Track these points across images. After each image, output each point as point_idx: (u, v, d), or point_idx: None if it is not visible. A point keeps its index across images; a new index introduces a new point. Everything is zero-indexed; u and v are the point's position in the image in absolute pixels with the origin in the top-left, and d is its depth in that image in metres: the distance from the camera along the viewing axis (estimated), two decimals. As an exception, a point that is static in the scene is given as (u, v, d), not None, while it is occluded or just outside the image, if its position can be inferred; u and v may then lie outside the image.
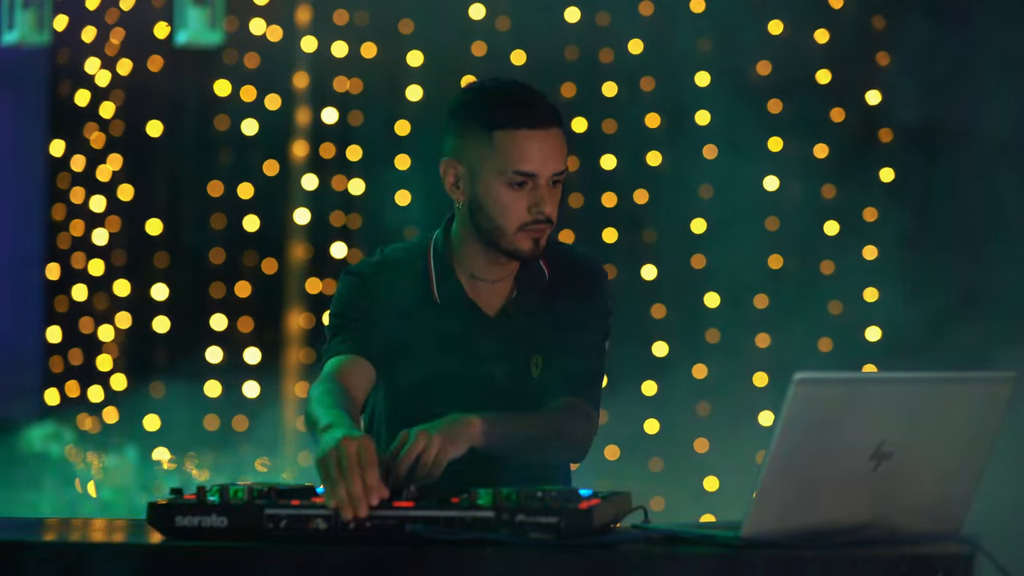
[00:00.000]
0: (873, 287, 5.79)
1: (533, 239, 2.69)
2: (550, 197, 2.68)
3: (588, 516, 2.16)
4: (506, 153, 2.64)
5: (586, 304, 2.82)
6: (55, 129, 6.12)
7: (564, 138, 2.70)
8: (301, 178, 6.00)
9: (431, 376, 2.76)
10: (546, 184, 2.67)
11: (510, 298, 2.79)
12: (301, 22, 6.00)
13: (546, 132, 2.67)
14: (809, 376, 2.06)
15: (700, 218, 5.90)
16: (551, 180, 2.68)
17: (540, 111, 2.67)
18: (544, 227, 2.69)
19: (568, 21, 5.90)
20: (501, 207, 2.67)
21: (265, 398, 5.88)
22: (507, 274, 2.79)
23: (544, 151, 2.66)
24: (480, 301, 2.79)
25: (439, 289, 2.78)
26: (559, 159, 2.68)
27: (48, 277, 6.09)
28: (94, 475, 5.63)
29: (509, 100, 2.68)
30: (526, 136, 2.65)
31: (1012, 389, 2.20)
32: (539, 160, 2.65)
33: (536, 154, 2.65)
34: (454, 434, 2.49)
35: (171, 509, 2.24)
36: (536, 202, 2.67)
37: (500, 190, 2.66)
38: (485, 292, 2.79)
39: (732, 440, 5.53)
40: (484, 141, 2.66)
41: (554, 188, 2.70)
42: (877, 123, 5.85)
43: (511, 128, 2.65)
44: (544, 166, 2.66)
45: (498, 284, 2.79)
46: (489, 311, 2.79)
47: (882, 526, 2.15)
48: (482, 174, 2.67)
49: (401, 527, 2.18)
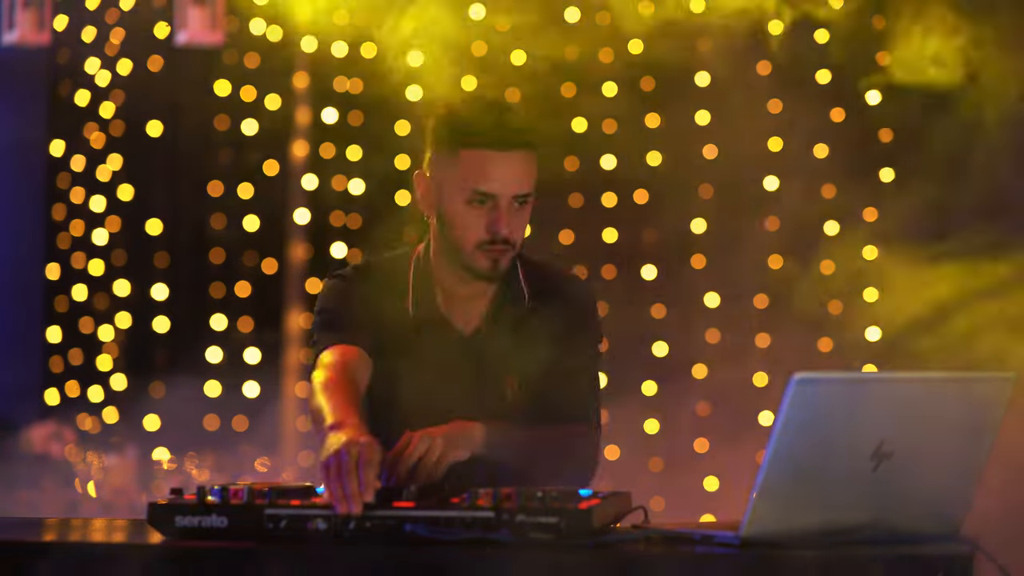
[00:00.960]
0: (873, 287, 5.79)
1: (491, 259, 2.70)
2: (511, 218, 2.68)
3: (588, 516, 2.16)
4: (468, 171, 2.67)
5: (572, 329, 2.80)
6: (55, 129, 6.12)
7: (532, 160, 2.70)
8: (301, 178, 6.00)
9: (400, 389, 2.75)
10: (507, 205, 2.68)
11: (487, 318, 2.78)
12: (301, 22, 6.00)
13: (509, 154, 2.67)
14: (809, 376, 2.06)
15: (700, 218, 5.90)
16: (514, 201, 2.68)
17: (506, 133, 2.68)
18: (502, 248, 2.69)
19: (568, 21, 5.90)
20: (460, 224, 2.69)
21: (265, 398, 5.88)
22: (481, 291, 2.78)
23: (507, 172, 2.67)
24: (455, 317, 2.78)
25: (414, 302, 2.78)
26: (523, 181, 2.69)
27: (48, 277, 6.09)
28: (94, 475, 5.63)
29: (477, 120, 2.69)
30: (488, 157, 2.66)
31: (1012, 389, 2.20)
32: (500, 180, 2.67)
33: (498, 175, 2.67)
34: (457, 439, 2.49)
35: (171, 509, 2.24)
36: (493, 221, 2.68)
37: (460, 207, 2.69)
38: (460, 308, 2.78)
39: (732, 440, 5.53)
40: (451, 158, 2.69)
41: (519, 209, 2.70)
42: (877, 123, 5.85)
43: (475, 148, 2.67)
44: (504, 187, 2.67)
45: (473, 301, 2.78)
46: (464, 328, 2.78)
47: (882, 526, 2.15)
48: (446, 189, 2.70)
49: (401, 527, 2.18)
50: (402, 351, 2.76)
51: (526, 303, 2.80)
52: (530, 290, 2.81)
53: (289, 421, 5.87)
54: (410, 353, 2.76)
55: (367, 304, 2.77)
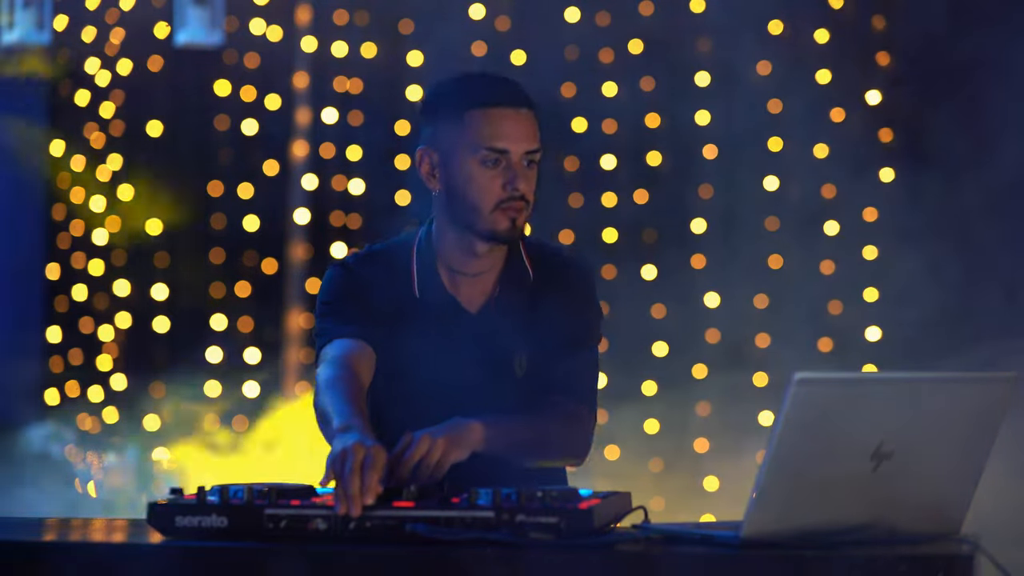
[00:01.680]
0: (873, 287, 5.79)
1: (510, 218, 2.69)
2: (524, 175, 2.69)
3: (588, 516, 2.16)
4: (479, 131, 2.67)
5: (576, 305, 2.81)
6: (55, 129, 6.12)
7: (536, 121, 2.72)
8: (301, 178, 6.00)
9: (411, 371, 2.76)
10: (519, 162, 2.68)
11: (493, 296, 2.79)
12: (301, 22, 6.00)
13: (517, 111, 2.69)
14: (809, 376, 2.06)
15: (700, 218, 5.90)
16: (525, 159, 2.69)
17: (510, 90, 2.71)
18: (520, 205, 2.69)
19: (568, 21, 5.90)
20: (476, 186, 2.69)
21: (265, 398, 5.88)
22: (486, 268, 2.79)
23: (516, 128, 2.68)
24: (461, 297, 2.79)
25: (420, 283, 2.79)
26: (532, 137, 2.70)
27: (48, 277, 6.09)
28: (94, 475, 5.63)
29: (480, 82, 2.72)
30: (497, 114, 2.68)
31: (1012, 389, 2.20)
32: (511, 137, 2.68)
33: (508, 131, 2.68)
34: (457, 438, 2.50)
35: (171, 509, 2.24)
36: (510, 179, 2.68)
37: (474, 169, 2.68)
38: (466, 287, 2.79)
39: (732, 440, 5.53)
40: (457, 123, 2.69)
41: (528, 169, 2.70)
42: (877, 123, 5.85)
43: (483, 107, 2.68)
44: (516, 143, 2.68)
45: (479, 279, 2.79)
46: (470, 307, 2.79)
47: (882, 526, 2.15)
48: (456, 156, 2.70)
49: (401, 527, 2.18)
50: (410, 334, 2.76)
51: (530, 280, 2.80)
52: (533, 267, 2.82)
53: (289, 421, 5.88)
54: (418, 335, 2.76)
55: (370, 291, 2.77)
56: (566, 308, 2.79)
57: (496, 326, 2.77)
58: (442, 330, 2.77)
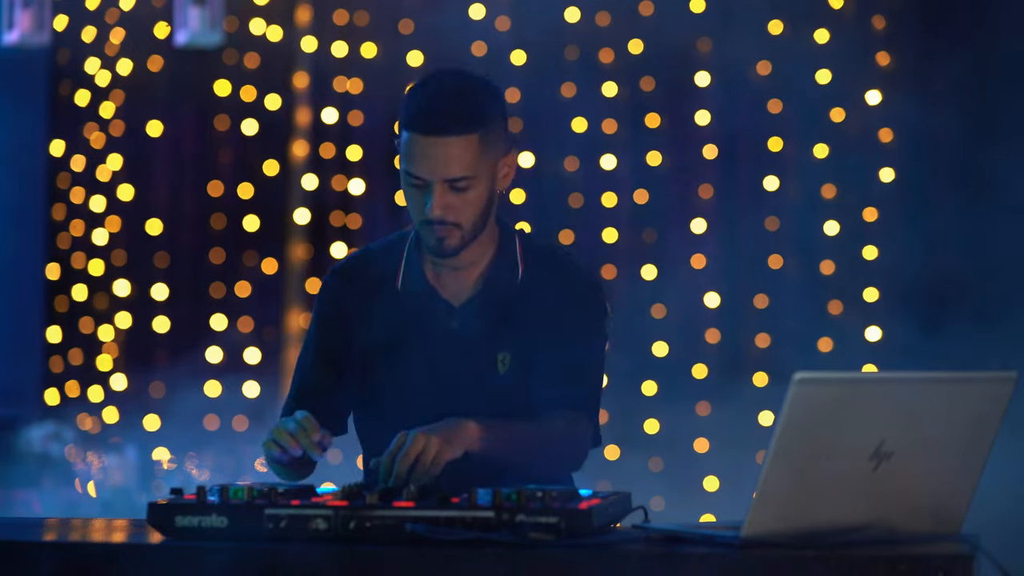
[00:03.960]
0: (873, 287, 5.78)
1: (436, 237, 2.71)
2: (445, 201, 2.68)
3: (588, 516, 2.16)
4: (406, 153, 2.70)
5: (572, 310, 2.79)
6: (55, 129, 6.12)
7: (472, 144, 2.68)
8: (301, 178, 6.00)
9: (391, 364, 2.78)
10: (440, 188, 2.68)
11: (477, 289, 2.79)
12: (301, 22, 6.00)
13: (440, 139, 2.67)
14: (809, 376, 2.06)
15: (700, 218, 5.90)
16: (447, 185, 2.68)
17: (443, 119, 2.68)
18: (440, 228, 2.70)
19: (568, 21, 5.90)
20: (408, 203, 2.75)
21: (265, 398, 5.88)
22: (468, 261, 2.79)
23: (436, 157, 2.67)
24: (444, 290, 2.79)
25: (404, 275, 2.81)
26: (455, 165, 2.67)
27: (48, 277, 6.09)
28: (94, 475, 5.63)
29: (422, 104, 2.70)
30: (421, 141, 2.68)
31: (1012, 389, 2.20)
32: (430, 166, 2.68)
33: (428, 159, 2.68)
34: (452, 436, 2.50)
35: (171, 509, 2.24)
36: (426, 203, 2.70)
37: (406, 187, 2.73)
38: (451, 281, 2.80)
39: (732, 440, 5.53)
40: (400, 137, 2.73)
41: (457, 193, 2.69)
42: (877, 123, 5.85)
43: (412, 131, 2.69)
44: (433, 172, 2.68)
45: (463, 273, 2.79)
46: (454, 301, 2.79)
47: (882, 526, 2.15)
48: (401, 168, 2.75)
49: (401, 527, 2.18)
50: (389, 325, 2.79)
51: (519, 276, 2.80)
52: (527, 265, 2.81)
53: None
54: (400, 328, 2.78)
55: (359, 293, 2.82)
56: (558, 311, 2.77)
57: (478, 321, 2.77)
58: (421, 322, 2.78)
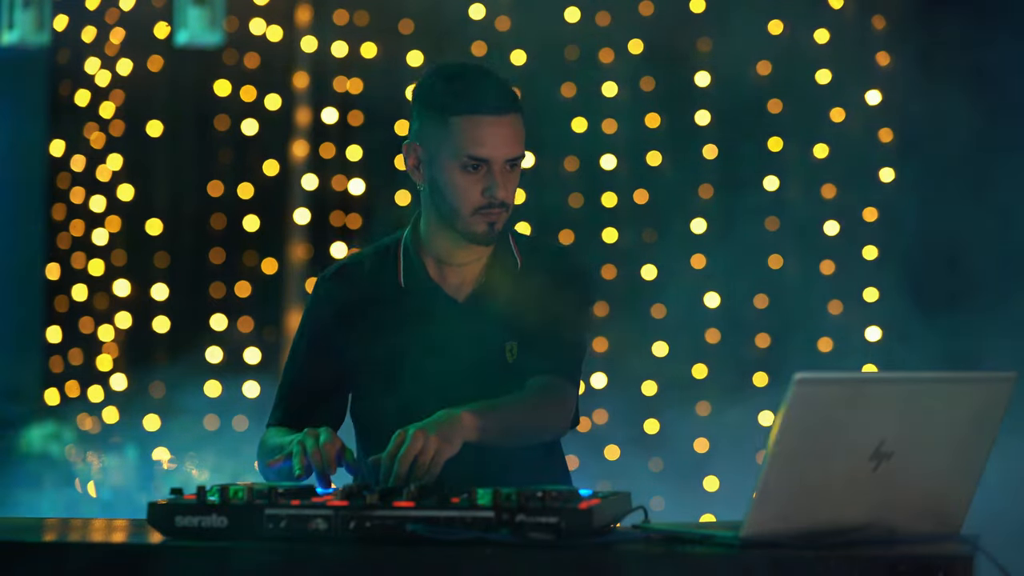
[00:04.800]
0: (873, 287, 5.78)
1: (488, 223, 2.73)
2: (504, 181, 2.72)
3: (588, 516, 2.16)
4: (461, 138, 2.69)
5: (563, 291, 2.82)
6: (55, 129, 6.11)
7: (520, 122, 2.74)
8: (301, 178, 6.00)
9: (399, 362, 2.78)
10: (500, 168, 2.71)
11: (480, 283, 2.81)
12: (301, 22, 6.00)
13: (500, 118, 2.71)
14: (809, 376, 2.06)
15: (700, 218, 5.90)
16: (506, 164, 2.72)
17: (495, 97, 2.71)
18: (498, 211, 2.73)
19: (568, 21, 5.90)
20: (456, 190, 2.72)
21: (265, 398, 5.87)
22: (474, 258, 2.81)
23: (497, 136, 2.70)
24: (447, 286, 2.81)
25: (405, 274, 2.82)
26: (513, 144, 2.72)
27: (48, 277, 6.09)
28: (94, 475, 5.63)
29: (465, 86, 2.72)
30: (480, 122, 2.69)
31: (1012, 389, 2.20)
32: (492, 145, 2.70)
33: (489, 139, 2.70)
34: (449, 432, 2.50)
35: (171, 509, 2.24)
36: (489, 186, 2.71)
37: (455, 173, 2.71)
38: (453, 277, 2.82)
39: (732, 440, 5.52)
40: (441, 125, 2.71)
41: (511, 172, 2.73)
42: (877, 123, 5.84)
43: (466, 114, 2.69)
44: (497, 151, 2.70)
45: (465, 268, 2.81)
46: (457, 296, 2.81)
47: (882, 526, 2.15)
48: (440, 157, 2.73)
49: (401, 527, 2.18)
50: (395, 324, 2.79)
51: (518, 267, 2.83)
52: (523, 257, 2.84)
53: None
54: (405, 325, 2.79)
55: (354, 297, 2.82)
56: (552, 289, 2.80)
57: (484, 313, 2.79)
58: (428, 319, 2.79)
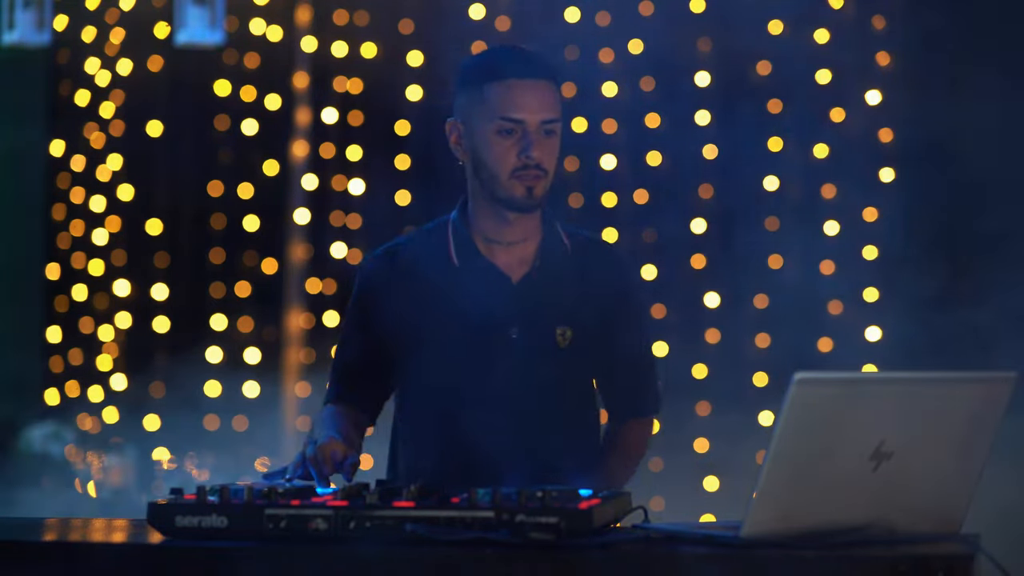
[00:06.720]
0: (873, 287, 5.78)
1: (526, 186, 2.79)
2: (540, 144, 2.78)
3: (588, 516, 2.16)
4: (494, 102, 2.77)
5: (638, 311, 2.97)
6: (55, 129, 6.12)
7: (556, 91, 2.82)
8: (301, 178, 6.00)
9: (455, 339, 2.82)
10: (535, 131, 2.78)
11: (534, 265, 2.86)
12: (301, 22, 6.00)
13: (533, 82, 2.78)
14: (809, 376, 2.06)
15: (700, 218, 5.90)
16: (542, 128, 2.78)
17: (527, 63, 2.80)
18: (535, 173, 2.79)
19: (568, 21, 5.90)
20: (493, 155, 2.78)
21: (265, 398, 5.88)
22: (520, 237, 2.86)
23: (530, 98, 2.77)
24: (499, 264, 2.84)
25: (457, 253, 2.86)
26: (548, 107, 2.79)
27: (48, 277, 6.09)
28: (94, 475, 5.63)
29: (499, 54, 2.84)
30: (512, 85, 2.77)
31: (1012, 389, 2.20)
32: (525, 107, 2.77)
33: (521, 101, 2.77)
34: None
35: (171, 509, 2.24)
36: (525, 147, 2.77)
37: (492, 138, 2.77)
38: (503, 256, 2.86)
39: (732, 440, 5.52)
40: (477, 95, 2.79)
41: (547, 138, 2.80)
42: (877, 123, 5.84)
43: (499, 79, 2.77)
44: (531, 113, 2.77)
45: (515, 248, 2.86)
46: (512, 275, 2.85)
47: (882, 526, 2.15)
48: (477, 126, 2.79)
49: (401, 527, 2.18)
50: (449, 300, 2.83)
51: (569, 252, 2.91)
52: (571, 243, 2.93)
53: (289, 421, 5.87)
54: (458, 301, 2.83)
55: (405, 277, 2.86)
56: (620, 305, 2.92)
57: (539, 294, 2.85)
58: (484, 296, 2.82)
